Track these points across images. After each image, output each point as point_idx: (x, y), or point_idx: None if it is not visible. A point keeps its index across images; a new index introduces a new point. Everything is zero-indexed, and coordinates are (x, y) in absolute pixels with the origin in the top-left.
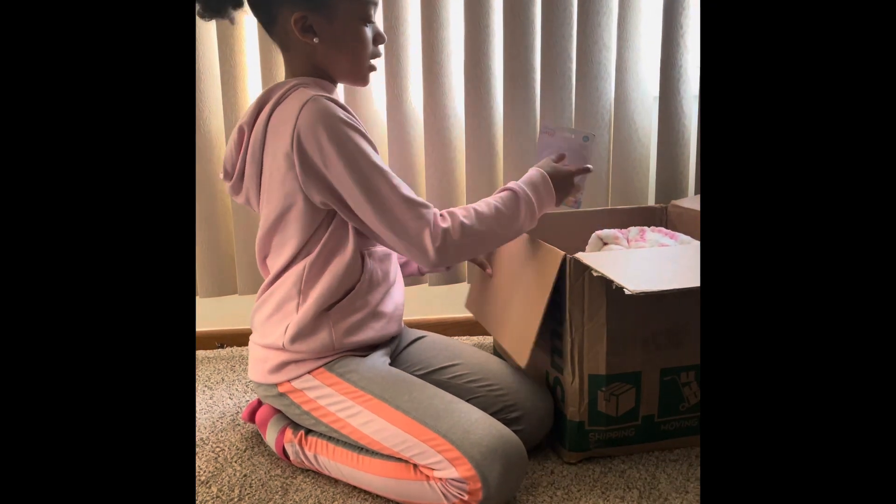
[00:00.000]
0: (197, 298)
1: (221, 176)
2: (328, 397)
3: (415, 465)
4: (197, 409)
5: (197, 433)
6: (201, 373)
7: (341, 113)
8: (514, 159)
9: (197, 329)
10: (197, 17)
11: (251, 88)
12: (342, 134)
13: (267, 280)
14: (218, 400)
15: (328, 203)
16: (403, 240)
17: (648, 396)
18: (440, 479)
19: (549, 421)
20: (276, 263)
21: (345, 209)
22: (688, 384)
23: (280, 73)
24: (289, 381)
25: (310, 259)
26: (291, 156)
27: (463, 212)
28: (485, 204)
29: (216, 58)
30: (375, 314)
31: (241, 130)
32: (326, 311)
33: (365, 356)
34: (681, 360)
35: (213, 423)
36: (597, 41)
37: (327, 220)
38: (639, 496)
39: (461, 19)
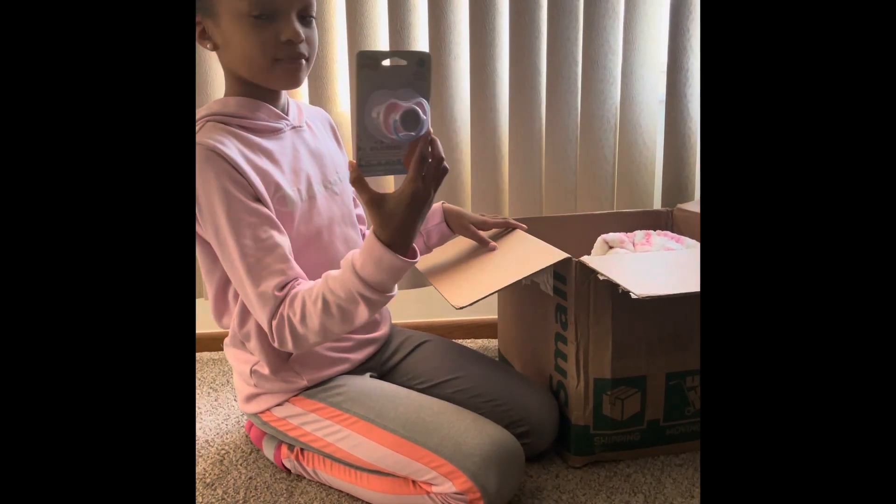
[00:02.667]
0: (203, 300)
1: None
2: (313, 423)
3: (413, 480)
4: (202, 411)
5: (202, 435)
6: (206, 374)
7: (216, 163)
8: (520, 162)
9: (202, 331)
10: None
11: None
12: (210, 188)
13: (216, 319)
14: (223, 402)
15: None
16: (252, 309)
17: (654, 400)
18: (439, 493)
19: (555, 433)
20: (212, 309)
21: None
22: (693, 388)
23: None
24: (269, 409)
25: (236, 310)
26: None
27: (299, 312)
28: (321, 294)
29: None
30: (340, 351)
31: None
32: (285, 362)
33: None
34: (686, 365)
35: (218, 425)
36: (602, 45)
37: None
38: (644, 500)
39: (467, 22)
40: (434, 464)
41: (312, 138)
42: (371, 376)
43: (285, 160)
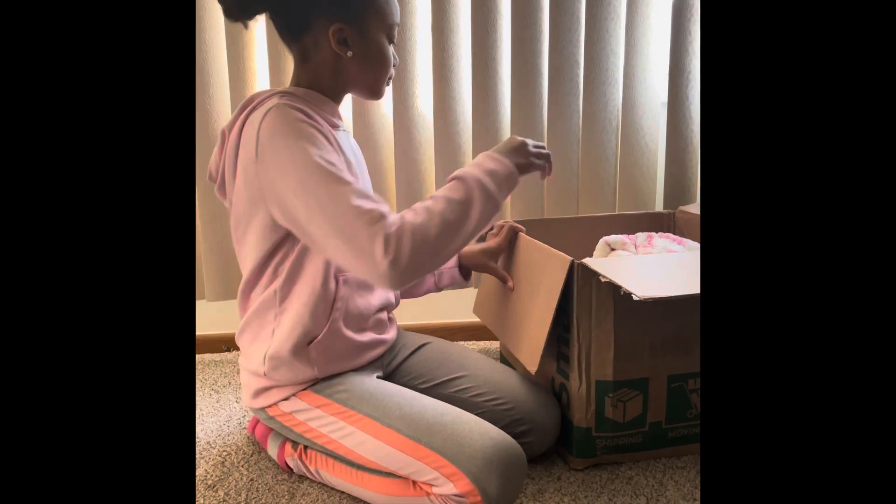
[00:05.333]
0: (203, 302)
1: (208, 179)
2: (318, 419)
3: (414, 481)
4: (203, 412)
5: (203, 437)
6: (207, 376)
7: (300, 121)
8: None
9: (203, 332)
10: (220, 19)
11: None
12: (294, 140)
13: (242, 298)
14: (224, 403)
15: (282, 218)
16: (352, 251)
17: (656, 403)
18: (440, 495)
19: (556, 432)
20: (245, 283)
21: (295, 223)
22: (695, 391)
23: (287, 78)
24: (276, 404)
25: (278, 283)
26: (255, 170)
27: (412, 214)
28: (433, 199)
29: (225, 61)
30: (357, 346)
31: (222, 134)
32: (305, 346)
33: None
34: (688, 367)
35: (220, 426)
36: (605, 47)
37: (291, 241)
38: (646, 503)
39: (469, 25)
40: (436, 464)
41: (357, 147)
42: (377, 377)
43: (342, 152)
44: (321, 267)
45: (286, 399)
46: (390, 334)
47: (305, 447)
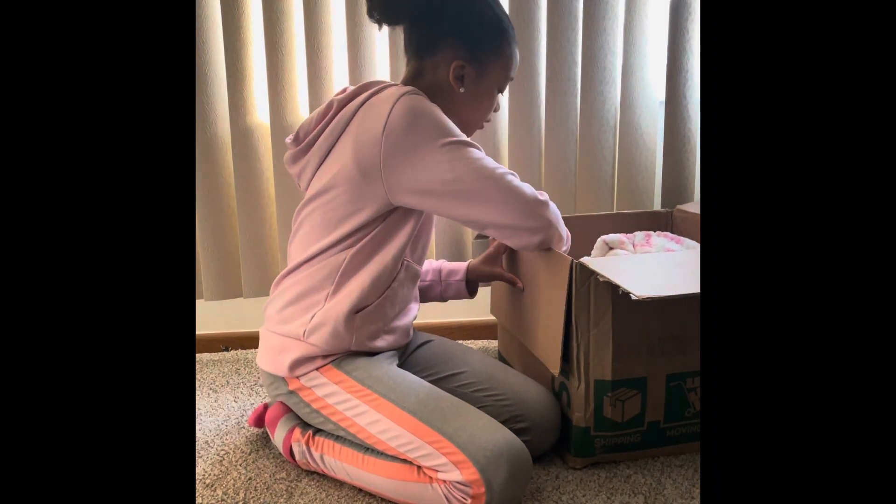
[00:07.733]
0: (202, 301)
1: (289, 140)
2: (336, 395)
3: (419, 467)
4: (201, 412)
5: (202, 436)
6: (206, 376)
7: (436, 109)
8: (520, 163)
9: (202, 332)
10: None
11: (257, 92)
12: (437, 129)
13: (291, 266)
14: (223, 403)
15: (406, 192)
16: (517, 205)
17: (654, 402)
18: (444, 481)
19: (556, 431)
20: (308, 248)
21: (434, 201)
22: (693, 390)
23: (286, 77)
24: (298, 377)
25: (352, 251)
26: (378, 145)
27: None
28: None
29: (222, 62)
30: (391, 328)
31: (330, 105)
32: (355, 313)
33: (373, 356)
34: (686, 366)
35: (218, 426)
36: (602, 46)
37: (384, 216)
38: (644, 501)
39: None
40: (446, 450)
41: None
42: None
43: None
44: (397, 246)
45: (306, 374)
46: (408, 336)
47: (314, 432)
